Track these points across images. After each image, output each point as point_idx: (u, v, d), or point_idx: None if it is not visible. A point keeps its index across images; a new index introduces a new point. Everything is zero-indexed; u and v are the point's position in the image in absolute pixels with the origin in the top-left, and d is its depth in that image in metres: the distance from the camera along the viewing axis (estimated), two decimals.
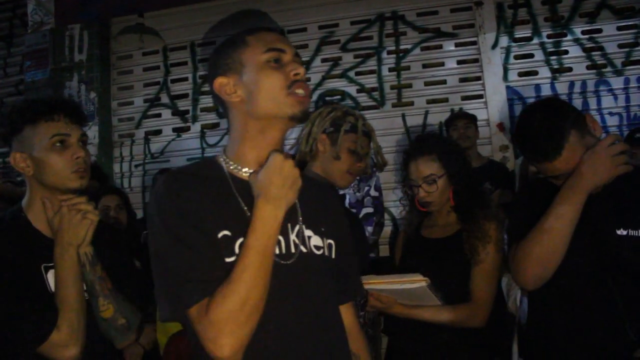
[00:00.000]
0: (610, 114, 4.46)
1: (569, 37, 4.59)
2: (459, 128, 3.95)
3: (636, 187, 1.73)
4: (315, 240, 1.35)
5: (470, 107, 4.59)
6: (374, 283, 1.97)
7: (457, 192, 2.15)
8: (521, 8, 4.68)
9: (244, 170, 1.32)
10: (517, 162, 3.80)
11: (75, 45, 5.20)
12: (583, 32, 4.57)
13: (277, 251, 1.26)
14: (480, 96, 4.68)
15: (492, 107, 4.60)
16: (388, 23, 4.87)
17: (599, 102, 4.48)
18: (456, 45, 4.80)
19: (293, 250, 1.30)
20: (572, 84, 4.53)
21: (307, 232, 1.35)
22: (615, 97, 4.46)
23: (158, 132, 5.24)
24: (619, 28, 4.52)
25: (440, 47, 4.81)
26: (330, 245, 1.38)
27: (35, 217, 1.64)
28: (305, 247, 1.32)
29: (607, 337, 1.68)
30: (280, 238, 1.28)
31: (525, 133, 1.74)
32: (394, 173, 4.43)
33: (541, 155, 1.70)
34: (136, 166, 5.21)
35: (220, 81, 1.33)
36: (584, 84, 4.52)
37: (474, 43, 4.73)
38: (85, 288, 1.61)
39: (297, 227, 1.33)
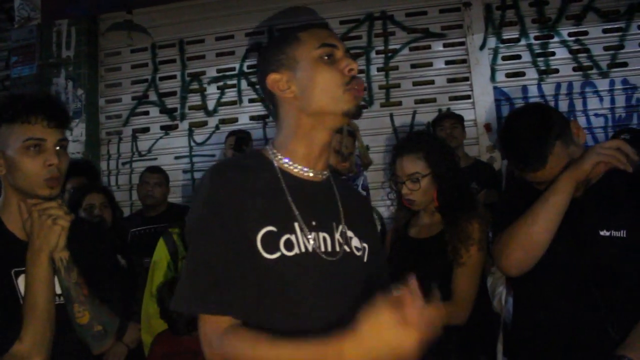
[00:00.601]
0: (596, 115, 4.51)
1: (555, 39, 4.63)
2: (446, 128, 3.96)
3: (619, 189, 1.75)
4: (356, 242, 1.36)
5: (458, 107, 4.61)
6: None
7: (442, 193, 2.16)
8: (509, 9, 4.71)
9: (294, 166, 1.33)
10: (504, 162, 3.83)
11: (62, 41, 5.16)
12: (569, 34, 4.61)
13: (322, 249, 1.27)
14: (468, 97, 4.70)
15: (479, 107, 4.63)
16: (377, 23, 4.88)
17: (584, 104, 4.52)
18: (444, 45, 4.82)
19: (337, 248, 1.31)
20: (558, 86, 4.58)
21: (349, 233, 1.35)
22: (601, 99, 4.50)
23: (146, 130, 5.21)
24: (605, 31, 4.57)
25: (429, 47, 4.83)
26: (364, 248, 1.38)
27: (8, 219, 1.59)
28: (349, 247, 1.33)
29: (590, 336, 1.69)
30: (326, 236, 1.30)
31: (510, 143, 1.76)
32: (381, 173, 4.44)
33: (525, 166, 1.72)
34: (123, 164, 5.18)
35: (273, 77, 1.33)
36: (570, 85, 4.56)
37: (462, 44, 4.76)
38: (60, 294, 1.57)
39: (340, 227, 1.34)
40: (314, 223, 1.29)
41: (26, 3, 5.24)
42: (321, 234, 1.29)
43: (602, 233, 1.70)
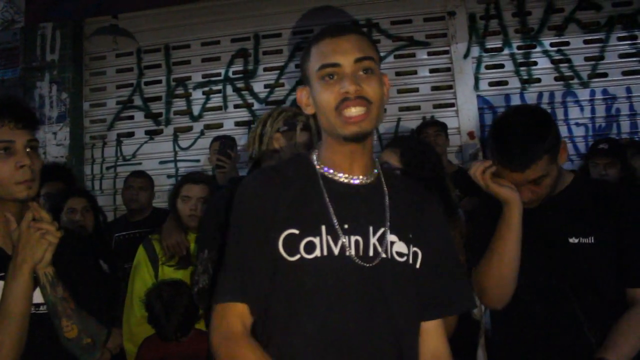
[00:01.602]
0: (577, 124, 4.57)
1: (538, 49, 4.69)
2: (429, 136, 3.99)
3: (584, 197, 1.80)
4: (399, 247, 1.31)
5: (442, 115, 4.65)
6: None
7: None
8: (492, 19, 4.77)
9: (333, 173, 1.33)
10: None
11: (47, 44, 5.13)
12: (551, 45, 4.68)
13: (354, 252, 1.25)
14: (452, 105, 4.75)
15: (463, 115, 4.68)
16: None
17: (566, 113, 4.59)
18: (429, 54, 4.86)
19: (371, 253, 1.27)
20: (540, 95, 4.64)
21: (391, 237, 1.30)
22: (582, 108, 4.58)
23: (130, 135, 5.19)
24: (586, 41, 4.64)
25: (413, 55, 4.87)
26: (415, 253, 1.32)
27: None
28: (387, 253, 1.28)
29: (568, 340, 1.73)
30: (359, 239, 1.27)
31: (502, 134, 1.75)
32: None
33: (509, 162, 1.72)
34: (107, 168, 5.15)
35: (299, 91, 1.35)
36: (552, 94, 4.63)
37: (446, 52, 4.81)
38: (39, 303, 1.56)
39: (380, 231, 1.30)
40: (346, 226, 1.26)
41: (10, 5, 5.20)
42: (353, 238, 1.26)
43: (571, 240, 1.74)
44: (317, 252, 1.23)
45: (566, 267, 1.74)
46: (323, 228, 1.25)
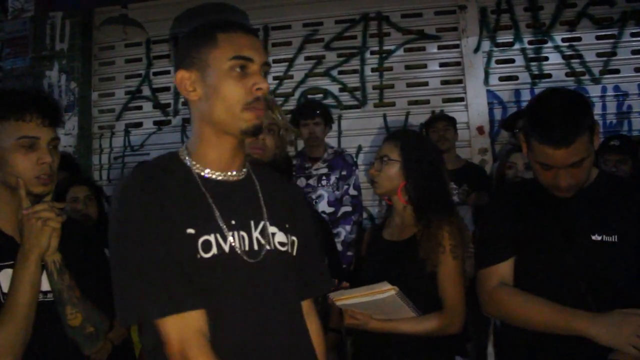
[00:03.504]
0: None
1: (549, 44, 4.65)
2: (438, 130, 3.98)
3: (612, 194, 1.77)
4: (280, 237, 1.35)
5: (451, 109, 4.62)
6: (345, 299, 1.92)
7: (408, 189, 2.14)
8: (504, 13, 4.73)
9: (206, 171, 1.31)
10: (494, 165, 3.85)
11: (56, 34, 5.12)
12: (563, 40, 4.63)
13: (241, 248, 1.26)
14: (462, 99, 4.72)
15: (472, 110, 4.65)
16: (372, 23, 4.89)
17: None
18: (439, 47, 4.83)
19: (256, 247, 1.29)
20: None
21: (272, 229, 1.34)
22: (593, 105, 4.52)
23: (138, 125, 5.19)
24: (598, 37, 4.60)
25: (424, 49, 4.85)
26: (293, 242, 1.38)
27: None
28: (270, 244, 1.32)
29: (583, 339, 1.69)
30: (244, 234, 1.28)
31: (543, 112, 1.70)
32: None
33: (551, 140, 1.65)
34: (115, 158, 5.16)
35: (181, 75, 1.30)
36: None
37: (456, 46, 4.78)
38: (46, 291, 1.57)
39: (261, 224, 1.32)
40: (233, 222, 1.28)
41: None
42: (240, 233, 1.28)
43: (594, 237, 1.71)
44: (214, 250, 1.23)
45: (585, 263, 1.71)
46: (213, 227, 1.24)
